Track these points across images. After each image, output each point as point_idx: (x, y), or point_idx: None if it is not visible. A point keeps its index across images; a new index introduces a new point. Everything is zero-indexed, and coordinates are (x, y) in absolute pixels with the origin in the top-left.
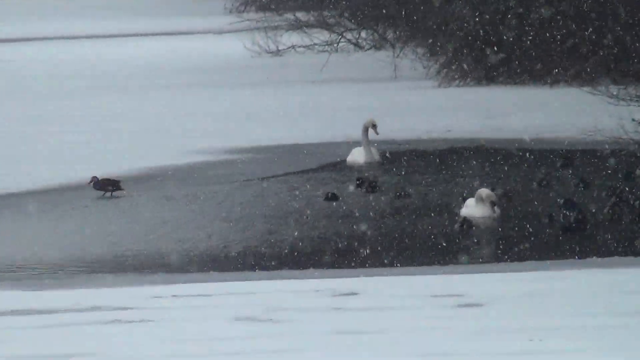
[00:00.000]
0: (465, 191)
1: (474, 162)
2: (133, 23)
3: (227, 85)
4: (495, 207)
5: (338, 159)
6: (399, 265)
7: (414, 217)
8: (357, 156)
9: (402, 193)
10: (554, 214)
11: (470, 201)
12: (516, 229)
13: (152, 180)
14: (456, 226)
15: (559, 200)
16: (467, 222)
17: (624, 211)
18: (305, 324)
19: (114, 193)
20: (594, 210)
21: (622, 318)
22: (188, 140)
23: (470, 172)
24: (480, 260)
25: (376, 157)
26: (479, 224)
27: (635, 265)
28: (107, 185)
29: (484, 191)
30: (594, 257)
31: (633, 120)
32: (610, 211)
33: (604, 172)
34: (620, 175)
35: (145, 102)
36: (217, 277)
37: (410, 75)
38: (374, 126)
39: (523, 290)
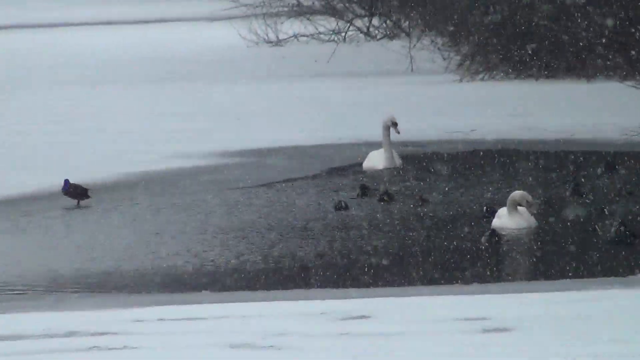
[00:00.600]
0: (493, 199)
1: (502, 167)
2: (110, 9)
3: (219, 80)
4: (532, 212)
5: (347, 163)
6: (416, 284)
7: (434, 229)
8: (375, 161)
9: (421, 202)
10: (598, 226)
11: (503, 211)
12: (553, 242)
13: (133, 188)
14: (483, 239)
15: (605, 210)
16: (495, 234)
17: None
18: (311, 352)
19: (81, 202)
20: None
21: None
22: (174, 143)
23: (498, 177)
24: (510, 278)
25: (397, 162)
26: (512, 237)
27: None
28: (77, 194)
29: (517, 193)
30: None
31: None
32: None
33: None
34: None
35: (127, 98)
36: (209, 297)
37: (428, 68)
38: (395, 124)
39: (559, 313)
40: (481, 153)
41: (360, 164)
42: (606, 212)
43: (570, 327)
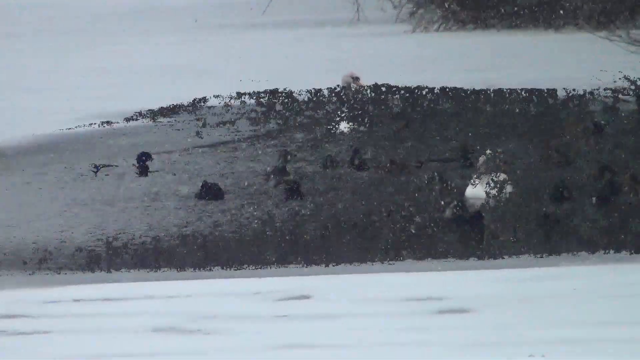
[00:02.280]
0: (457, 162)
1: (461, 127)
2: None
3: (150, 33)
4: (506, 184)
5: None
6: (363, 260)
7: (386, 197)
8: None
9: (374, 165)
10: (571, 193)
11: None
12: (524, 213)
13: (43, 151)
14: (448, 211)
15: (585, 175)
16: (461, 206)
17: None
18: (243, 336)
19: None
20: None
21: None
22: (93, 101)
23: (457, 138)
24: (475, 253)
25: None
26: (479, 207)
27: None
28: None
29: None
30: (612, 252)
31: None
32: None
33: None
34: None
35: (42, 52)
36: (129, 276)
37: (377, 17)
38: (356, 79)
39: (522, 293)
40: (438, 112)
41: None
42: (587, 178)
43: (538, 308)
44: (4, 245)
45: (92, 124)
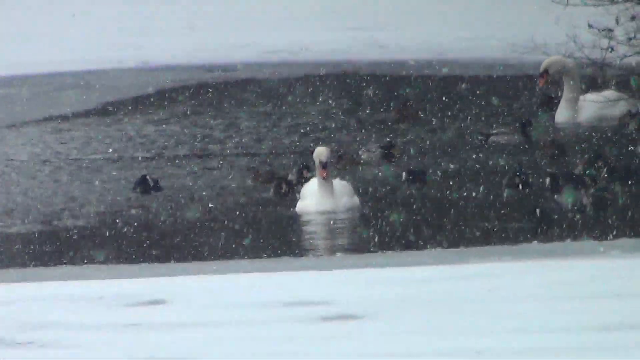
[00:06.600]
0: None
1: (346, 97)
2: None
3: None
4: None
5: (136, 93)
6: (231, 257)
7: (240, 190)
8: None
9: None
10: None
11: (309, 188)
12: (424, 201)
13: None
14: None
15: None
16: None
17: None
18: (84, 349)
19: None
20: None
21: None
22: None
23: (340, 114)
24: (360, 249)
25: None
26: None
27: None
28: None
29: (321, 151)
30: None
31: (591, 26)
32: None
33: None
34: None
35: None
36: None
37: None
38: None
39: (422, 295)
40: (315, 79)
41: None
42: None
43: (438, 313)
44: None
45: None
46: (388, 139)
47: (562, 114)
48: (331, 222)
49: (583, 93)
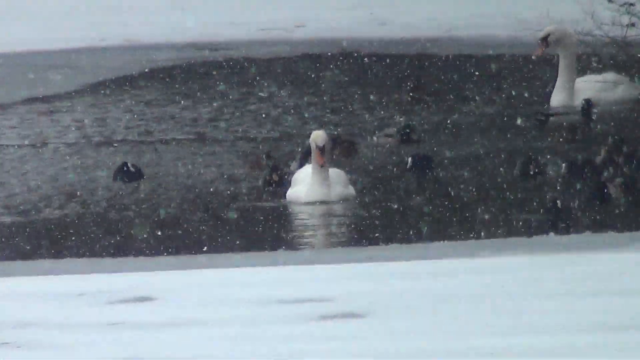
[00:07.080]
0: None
1: (346, 75)
2: None
3: None
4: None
5: (122, 73)
6: (224, 251)
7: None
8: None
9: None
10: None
11: (302, 174)
12: (415, 191)
13: None
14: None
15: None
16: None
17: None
18: (63, 351)
19: None
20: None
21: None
22: None
23: (341, 94)
24: (360, 243)
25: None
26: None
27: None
28: None
29: (318, 134)
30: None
31: (611, 1)
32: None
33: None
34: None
35: None
36: None
37: None
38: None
39: (421, 291)
40: (314, 58)
41: None
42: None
43: (447, 311)
44: None
45: None
46: (408, 122)
47: (557, 97)
48: (328, 213)
49: (579, 75)
